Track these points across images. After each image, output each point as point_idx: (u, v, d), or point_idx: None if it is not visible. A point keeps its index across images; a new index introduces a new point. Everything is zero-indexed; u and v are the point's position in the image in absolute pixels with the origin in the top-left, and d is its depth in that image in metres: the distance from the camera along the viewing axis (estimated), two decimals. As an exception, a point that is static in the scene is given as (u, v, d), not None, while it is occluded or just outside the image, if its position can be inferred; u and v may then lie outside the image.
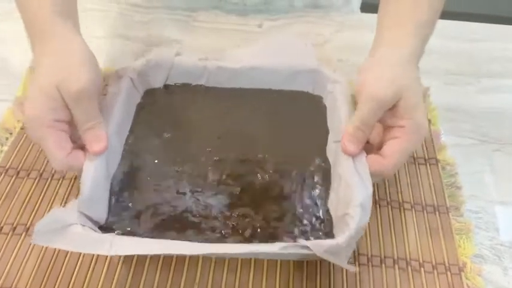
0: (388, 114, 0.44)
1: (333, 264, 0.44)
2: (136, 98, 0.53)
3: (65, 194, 0.49)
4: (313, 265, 0.45)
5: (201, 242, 0.40)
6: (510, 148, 0.56)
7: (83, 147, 0.44)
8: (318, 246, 0.38)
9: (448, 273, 0.44)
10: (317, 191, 0.46)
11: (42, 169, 0.51)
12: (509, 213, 0.50)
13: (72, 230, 0.39)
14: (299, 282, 0.44)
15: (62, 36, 0.45)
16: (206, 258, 0.45)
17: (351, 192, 0.41)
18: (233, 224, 0.44)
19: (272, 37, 0.60)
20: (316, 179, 0.47)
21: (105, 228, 0.43)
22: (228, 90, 0.55)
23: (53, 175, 0.51)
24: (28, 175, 0.51)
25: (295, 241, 0.39)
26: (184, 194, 0.46)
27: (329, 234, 0.43)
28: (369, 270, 0.44)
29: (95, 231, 0.41)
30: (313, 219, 0.44)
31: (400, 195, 0.50)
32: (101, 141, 0.44)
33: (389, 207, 0.49)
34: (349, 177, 0.42)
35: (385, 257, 0.45)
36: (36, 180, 0.50)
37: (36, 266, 0.44)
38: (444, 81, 0.64)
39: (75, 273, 0.44)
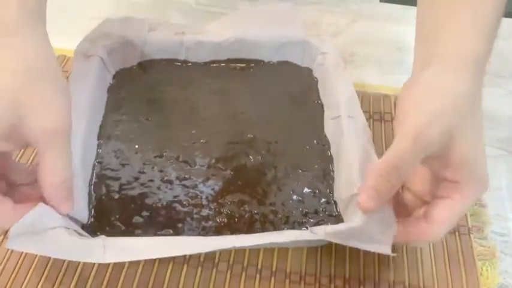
0: (437, 162, 0.33)
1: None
2: (108, 80, 0.48)
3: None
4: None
5: (195, 234, 0.36)
6: (542, 161, 0.49)
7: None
8: (331, 233, 0.34)
9: (467, 307, 0.39)
10: (316, 173, 0.43)
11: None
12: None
13: (56, 235, 0.33)
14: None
15: (28, 36, 0.33)
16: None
17: (355, 171, 0.38)
18: (229, 212, 0.40)
19: (254, 7, 0.55)
20: (314, 159, 0.44)
21: (88, 228, 0.38)
22: (208, 66, 0.51)
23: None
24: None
25: (304, 228, 0.37)
26: (170, 182, 0.41)
27: (337, 218, 0.39)
28: (375, 298, 0.39)
29: (80, 233, 0.35)
30: (315, 203, 0.41)
31: (415, 211, 0.44)
32: (70, 198, 0.34)
33: (402, 224, 0.43)
34: (351, 155, 0.39)
35: (394, 282, 0.40)
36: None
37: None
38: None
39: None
